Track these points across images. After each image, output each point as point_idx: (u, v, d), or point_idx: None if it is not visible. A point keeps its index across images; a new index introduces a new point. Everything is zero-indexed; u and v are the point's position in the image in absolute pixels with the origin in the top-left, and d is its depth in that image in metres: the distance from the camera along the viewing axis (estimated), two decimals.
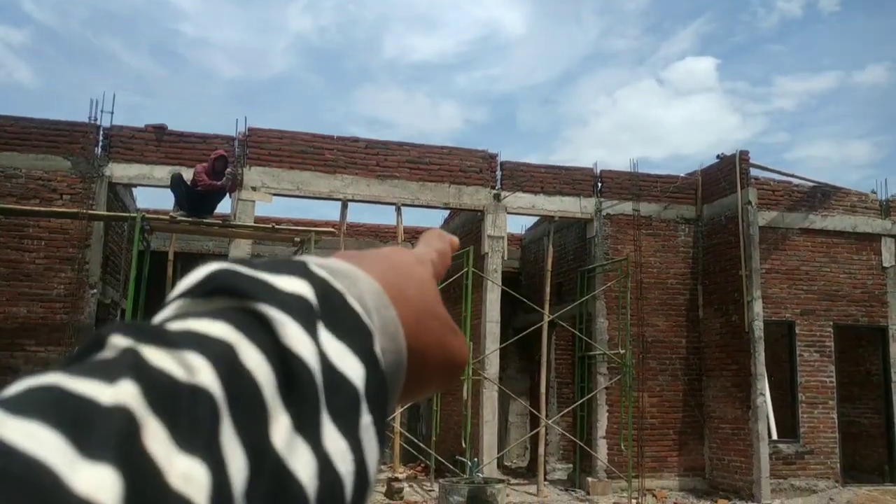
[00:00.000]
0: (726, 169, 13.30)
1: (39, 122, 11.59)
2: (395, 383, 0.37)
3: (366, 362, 0.33)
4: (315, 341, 0.31)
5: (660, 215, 13.74)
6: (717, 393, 13.13)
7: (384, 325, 0.37)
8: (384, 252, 0.44)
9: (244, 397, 0.28)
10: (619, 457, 12.68)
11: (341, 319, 0.34)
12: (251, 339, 0.29)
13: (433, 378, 0.42)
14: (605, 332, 13.15)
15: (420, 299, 0.41)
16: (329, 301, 0.34)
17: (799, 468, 12.77)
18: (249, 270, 0.33)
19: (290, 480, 0.28)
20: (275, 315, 0.31)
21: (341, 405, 0.31)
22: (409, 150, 13.04)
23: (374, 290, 0.37)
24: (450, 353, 0.42)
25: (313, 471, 0.29)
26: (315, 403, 0.30)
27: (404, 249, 0.46)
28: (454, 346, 0.42)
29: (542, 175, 13.47)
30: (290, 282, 0.33)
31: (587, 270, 13.60)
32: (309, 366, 0.30)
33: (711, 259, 13.53)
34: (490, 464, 12.09)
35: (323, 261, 0.37)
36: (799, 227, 13.51)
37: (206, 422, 0.26)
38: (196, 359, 0.27)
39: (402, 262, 0.43)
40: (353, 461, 0.31)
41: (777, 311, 13.14)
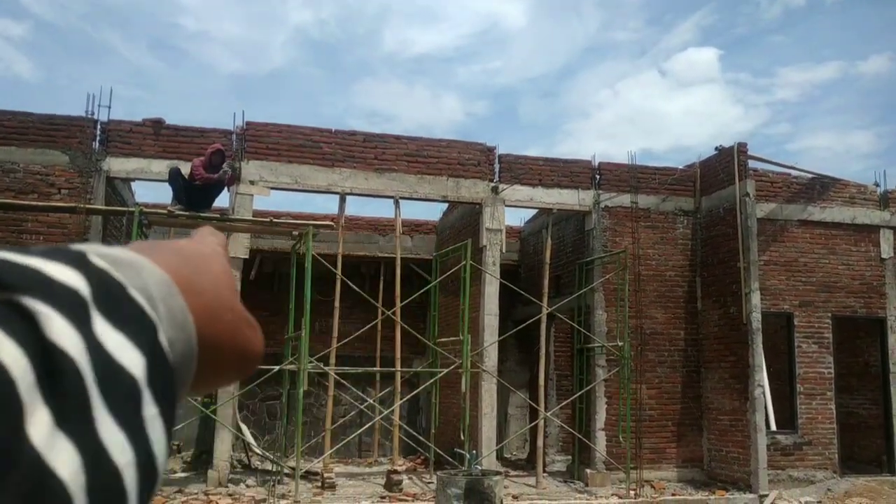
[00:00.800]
0: (725, 161, 13.29)
1: (37, 116, 11.60)
2: (185, 373, 0.37)
3: (148, 353, 0.33)
4: (85, 334, 0.31)
5: (658, 207, 13.74)
6: (715, 384, 13.15)
7: (172, 314, 0.36)
8: (180, 244, 0.44)
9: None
10: (617, 448, 12.72)
11: (120, 310, 0.33)
12: (8, 332, 0.28)
13: (228, 368, 0.43)
14: (604, 324, 13.17)
15: (214, 291, 0.41)
16: (107, 292, 0.33)
17: (797, 459, 12.80)
18: (21, 258, 0.32)
19: (49, 477, 0.27)
20: (39, 308, 0.30)
21: (119, 397, 0.31)
22: (408, 143, 13.04)
23: (159, 279, 0.37)
24: (244, 345, 0.43)
25: (77, 465, 0.28)
26: (83, 397, 0.29)
27: (201, 242, 0.47)
28: (249, 338, 0.43)
29: (540, 168, 13.47)
30: (63, 272, 0.32)
31: (585, 263, 13.61)
32: (74, 360, 0.29)
33: (710, 251, 13.53)
34: (489, 456, 12.13)
35: (106, 251, 0.36)
36: (797, 219, 13.51)
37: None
38: None
39: (196, 254, 0.43)
40: (134, 452, 0.31)
41: (775, 303, 13.15)
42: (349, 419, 14.53)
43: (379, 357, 14.42)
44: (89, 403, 0.30)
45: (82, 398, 0.29)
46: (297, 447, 11.02)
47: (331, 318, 12.66)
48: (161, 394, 0.33)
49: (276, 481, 11.36)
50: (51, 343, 0.29)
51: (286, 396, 12.63)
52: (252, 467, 13.30)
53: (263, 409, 15.76)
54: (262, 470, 12.73)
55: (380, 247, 16.15)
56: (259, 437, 15.14)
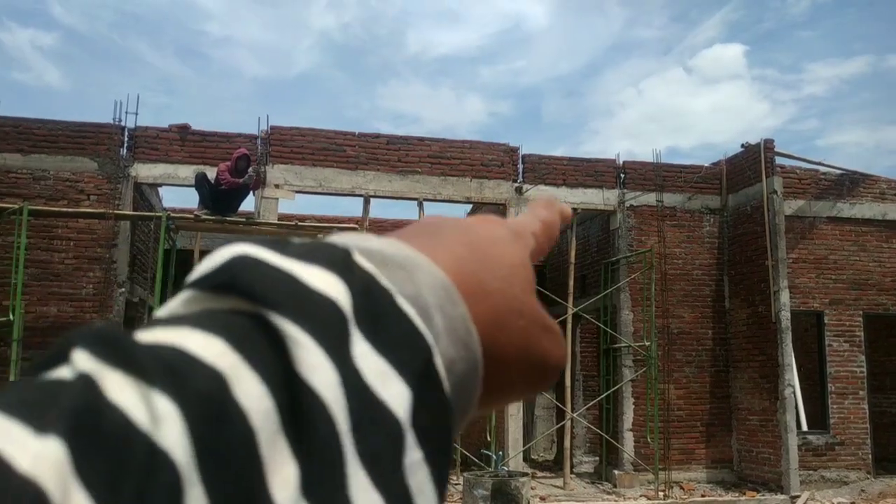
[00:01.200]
0: (751, 158, 13.15)
1: (66, 124, 11.78)
2: (467, 399, 0.30)
3: (415, 383, 0.26)
4: (341, 364, 0.25)
5: (684, 206, 13.63)
6: (744, 384, 13.00)
7: (452, 326, 0.29)
8: (468, 226, 0.36)
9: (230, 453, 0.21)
10: (645, 449, 12.62)
11: (387, 328, 0.27)
12: (254, 364, 0.23)
13: (518, 385, 0.34)
14: (630, 324, 13.08)
15: (505, 292, 0.33)
16: (371, 304, 0.27)
17: (829, 459, 12.62)
18: (276, 258, 0.26)
19: None
20: (291, 332, 0.24)
21: (377, 446, 0.24)
22: (431, 145, 13.06)
23: (437, 283, 0.30)
24: (539, 358, 0.35)
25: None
26: (335, 453, 0.23)
27: (497, 221, 0.38)
28: (546, 349, 0.35)
29: (564, 167, 13.42)
30: (323, 278, 0.26)
31: (611, 262, 13.53)
32: (326, 404, 0.24)
33: (737, 249, 13.39)
34: (516, 457, 12.10)
35: (376, 246, 0.30)
36: (826, 216, 13.32)
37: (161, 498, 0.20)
38: (166, 404, 0.21)
39: (488, 241, 0.35)
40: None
41: (805, 301, 12.98)
42: None
43: None
44: (342, 459, 0.24)
45: (334, 454, 0.23)
46: None
47: None
48: (430, 433, 0.26)
49: None
50: (301, 380, 0.23)
51: None
52: None
53: None
54: None
55: None
56: None
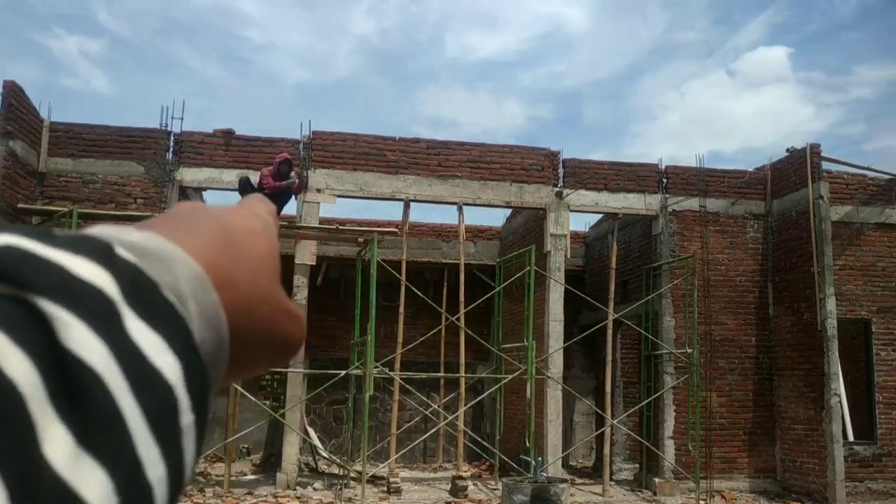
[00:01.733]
0: (796, 163, 12.93)
1: (114, 129, 12.06)
2: (216, 374, 0.34)
3: (183, 356, 0.30)
4: (114, 337, 0.28)
5: (727, 211, 13.44)
6: (788, 393, 12.77)
7: (204, 312, 0.33)
8: (224, 217, 0.39)
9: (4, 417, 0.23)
10: (686, 457, 12.46)
11: (153, 311, 0.30)
12: (18, 341, 0.25)
13: (261, 360, 0.39)
14: (672, 330, 12.94)
15: (252, 282, 0.37)
16: (138, 292, 0.30)
17: (876, 471, 12.33)
18: (42, 249, 0.28)
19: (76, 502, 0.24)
20: (56, 313, 0.26)
21: (155, 406, 0.28)
22: (470, 149, 13.07)
23: (192, 274, 0.33)
24: (281, 337, 0.39)
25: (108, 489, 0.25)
26: (110, 411, 0.26)
27: (253, 213, 0.42)
28: (287, 330, 0.39)
29: (605, 172, 13.33)
30: (87, 268, 0.29)
31: (653, 268, 13.40)
32: (97, 371, 0.26)
33: (782, 255, 13.16)
34: (555, 463, 12.03)
35: (134, 239, 0.32)
36: (874, 222, 13.04)
37: None
38: None
39: (240, 233, 0.38)
40: (166, 465, 0.28)
41: (852, 309, 12.71)
42: (414, 424, 14.60)
43: (443, 362, 14.47)
44: (119, 417, 0.27)
45: (109, 412, 0.26)
46: (363, 451, 11.14)
47: (395, 324, 12.76)
48: (195, 399, 0.31)
49: (343, 485, 11.49)
50: (69, 352, 0.26)
51: (352, 401, 12.77)
52: (319, 471, 13.48)
53: (330, 413, 15.98)
54: (329, 474, 12.89)
55: (443, 253, 16.21)
56: (326, 440, 15.35)
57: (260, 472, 13.40)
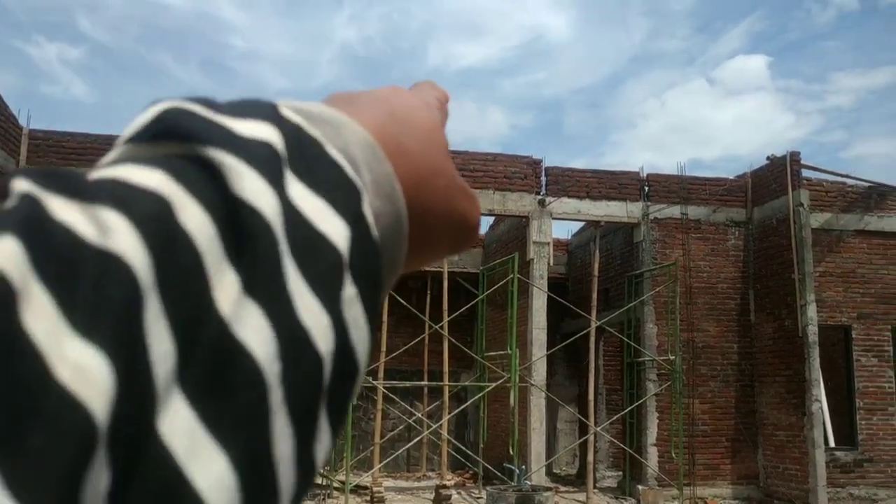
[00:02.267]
0: (777, 170, 13.04)
1: (94, 137, 11.96)
2: (395, 252, 0.32)
3: (352, 223, 0.28)
4: (281, 194, 0.26)
5: (709, 219, 13.53)
6: (770, 399, 12.84)
7: (377, 182, 0.31)
8: (383, 94, 0.37)
9: (182, 269, 0.23)
10: (669, 464, 12.49)
11: (319, 172, 0.28)
12: (194, 192, 0.24)
13: (439, 244, 0.37)
14: (654, 337, 12.98)
15: (424, 154, 0.35)
16: (303, 150, 0.28)
17: (858, 476, 12.41)
18: (206, 111, 0.27)
19: (238, 352, 0.23)
20: (228, 161, 0.25)
21: (321, 270, 0.26)
22: (453, 157, 12.91)
23: (363, 140, 0.31)
24: (459, 216, 0.37)
25: (271, 341, 0.24)
26: (277, 264, 0.25)
27: (409, 92, 0.40)
28: (464, 207, 0.37)
29: (587, 180, 13.38)
30: (252, 126, 0.27)
31: (635, 275, 13.45)
32: (268, 220, 0.25)
33: (763, 262, 13.26)
34: (538, 471, 12.01)
35: (300, 104, 0.31)
36: (854, 229, 13.17)
37: (118, 298, 0.21)
38: (115, 217, 0.22)
39: (404, 107, 0.36)
40: (335, 340, 0.26)
41: (832, 316, 12.82)
42: (397, 433, 14.54)
43: (427, 371, 14.43)
44: (284, 273, 0.25)
45: (276, 265, 0.25)
46: (346, 461, 11.08)
47: (378, 332, 12.65)
48: (364, 274, 0.28)
49: (326, 495, 11.42)
50: (241, 200, 0.25)
51: None
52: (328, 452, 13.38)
53: None
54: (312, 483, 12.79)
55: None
56: None
57: None
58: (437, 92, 0.43)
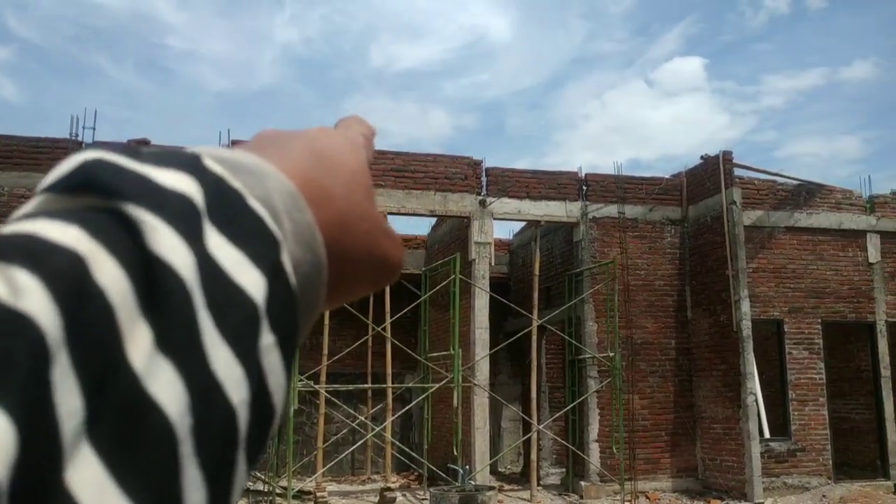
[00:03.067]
0: (710, 169, 13.35)
1: (21, 139, 11.56)
2: (311, 298, 0.32)
3: (269, 274, 0.28)
4: (196, 248, 0.26)
5: (645, 217, 13.77)
6: (707, 393, 13.14)
7: (298, 231, 0.31)
8: (310, 135, 0.38)
9: (93, 326, 0.23)
10: (611, 460, 12.67)
11: (239, 223, 0.29)
12: (110, 248, 0.24)
13: (360, 283, 0.38)
14: (595, 335, 13.15)
15: (348, 198, 0.36)
16: (223, 202, 0.29)
17: (791, 466, 12.78)
18: (128, 162, 0.27)
19: (148, 406, 0.23)
20: (144, 217, 0.25)
21: (234, 322, 0.26)
22: (394, 158, 13.04)
23: (285, 190, 0.31)
24: (381, 257, 0.37)
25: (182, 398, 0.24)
26: (191, 319, 0.25)
27: (336, 132, 0.40)
28: (386, 249, 0.38)
29: (527, 180, 13.49)
30: (173, 177, 0.27)
31: (575, 274, 13.61)
32: (182, 277, 0.25)
33: (698, 259, 13.56)
34: (483, 470, 12.06)
35: (224, 153, 0.31)
36: (784, 226, 13.55)
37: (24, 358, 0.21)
38: (26, 277, 0.22)
39: (331, 149, 0.37)
40: (250, 388, 0.26)
41: (765, 310, 13.17)
42: (341, 437, 14.43)
43: (370, 373, 14.37)
44: (198, 327, 0.25)
45: (189, 320, 0.25)
46: (288, 467, 10.95)
47: (321, 335, 12.61)
48: (281, 322, 0.29)
49: (269, 502, 11.26)
50: (156, 257, 0.25)
51: None
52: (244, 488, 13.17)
53: None
54: (254, 490, 12.61)
55: None
56: None
57: None
58: (363, 127, 0.45)
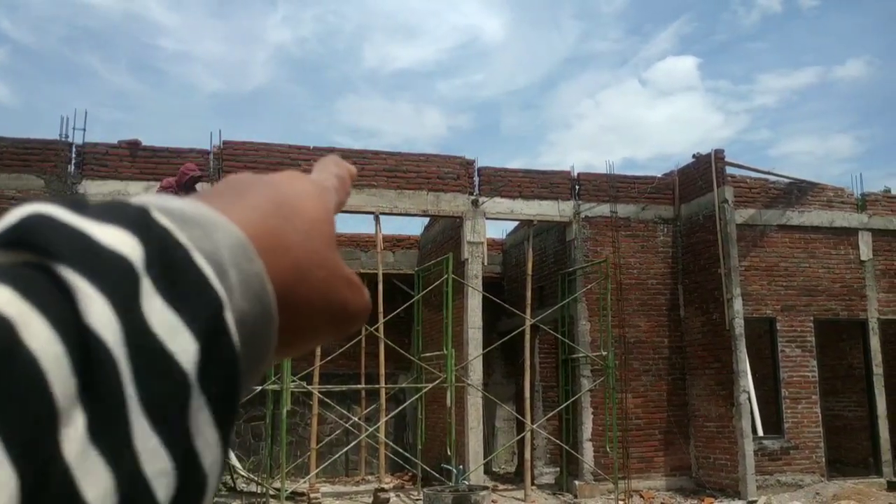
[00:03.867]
0: (702, 168, 13.36)
1: (11, 140, 11.50)
2: (259, 349, 0.31)
3: (204, 336, 0.27)
4: (128, 315, 0.25)
5: (638, 216, 13.78)
6: (700, 391, 13.15)
7: (245, 282, 0.30)
8: (274, 182, 0.37)
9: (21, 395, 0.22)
10: (605, 459, 12.67)
11: (180, 283, 0.27)
12: (42, 311, 0.23)
13: (319, 331, 0.37)
14: (588, 334, 13.16)
15: (306, 246, 0.35)
16: (166, 259, 0.27)
17: (784, 464, 12.80)
18: (71, 217, 0.26)
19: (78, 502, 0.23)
20: (78, 283, 0.24)
21: (160, 393, 0.25)
22: (387, 158, 13.02)
23: (234, 241, 0.31)
24: (339, 306, 0.37)
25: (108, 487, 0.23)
26: (120, 400, 0.24)
27: (304, 177, 0.40)
28: (345, 297, 0.37)
29: (519, 179, 13.48)
30: (115, 235, 0.26)
31: (568, 273, 13.61)
32: (113, 353, 0.24)
33: (691, 258, 13.57)
34: (477, 470, 12.05)
35: (173, 205, 0.30)
36: (776, 224, 13.58)
37: None
38: None
39: (294, 196, 0.36)
40: (171, 458, 0.25)
41: (758, 308, 13.19)
42: (335, 438, 14.39)
43: (363, 374, 14.34)
44: (128, 413, 0.24)
45: (120, 404, 0.24)
46: (282, 468, 10.92)
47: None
48: (216, 385, 0.28)
49: (263, 503, 11.22)
50: (88, 328, 0.24)
51: (270, 417, 12.50)
52: (237, 489, 13.12)
53: (248, 430, 15.61)
54: (248, 492, 12.57)
55: (362, 262, 16.09)
56: (244, 458, 14.95)
57: None
58: (340, 168, 0.45)
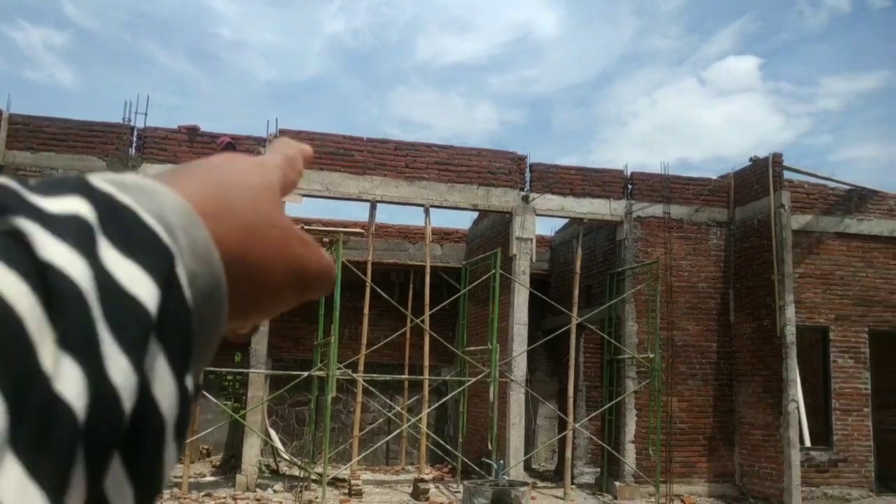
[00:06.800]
0: (759, 172, 13.11)
1: (75, 123, 11.84)
2: (214, 308, 0.33)
3: (163, 285, 0.29)
4: (92, 261, 0.27)
5: (691, 218, 13.59)
6: (747, 398, 12.94)
7: (193, 245, 0.32)
8: (211, 162, 0.39)
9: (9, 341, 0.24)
10: (647, 461, 12.56)
11: (132, 237, 0.29)
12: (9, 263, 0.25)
13: (284, 290, 0.38)
14: (635, 335, 13.04)
15: (253, 207, 0.37)
16: (117, 217, 0.29)
17: (832, 476, 12.54)
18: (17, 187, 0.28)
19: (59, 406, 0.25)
20: (33, 230, 0.26)
21: (132, 330, 0.27)
22: (438, 151, 13.06)
23: (178, 206, 0.32)
24: (296, 262, 0.38)
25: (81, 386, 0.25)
26: (89, 325, 0.26)
27: (241, 156, 0.42)
28: (303, 255, 0.39)
29: (571, 177, 13.40)
30: (62, 202, 0.28)
31: (616, 273, 13.50)
32: (78, 285, 0.26)
33: (743, 263, 13.34)
34: (517, 466, 12.05)
35: (112, 175, 0.32)
36: (834, 231, 13.27)
37: None
38: None
39: (231, 170, 0.38)
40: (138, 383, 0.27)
41: (811, 317, 12.92)
42: (377, 426, 14.53)
43: (407, 365, 14.43)
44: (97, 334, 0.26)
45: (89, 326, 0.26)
46: (324, 453, 11.06)
47: (360, 325, 12.70)
48: (174, 332, 0.29)
49: (304, 487, 11.40)
50: (49, 263, 0.26)
51: (315, 402, 12.68)
52: (280, 473, 13.36)
53: (292, 414, 15.84)
54: (290, 475, 12.79)
55: (410, 255, 16.18)
56: (287, 442, 15.21)
57: (219, 474, 13.24)
58: (290, 149, 0.47)
